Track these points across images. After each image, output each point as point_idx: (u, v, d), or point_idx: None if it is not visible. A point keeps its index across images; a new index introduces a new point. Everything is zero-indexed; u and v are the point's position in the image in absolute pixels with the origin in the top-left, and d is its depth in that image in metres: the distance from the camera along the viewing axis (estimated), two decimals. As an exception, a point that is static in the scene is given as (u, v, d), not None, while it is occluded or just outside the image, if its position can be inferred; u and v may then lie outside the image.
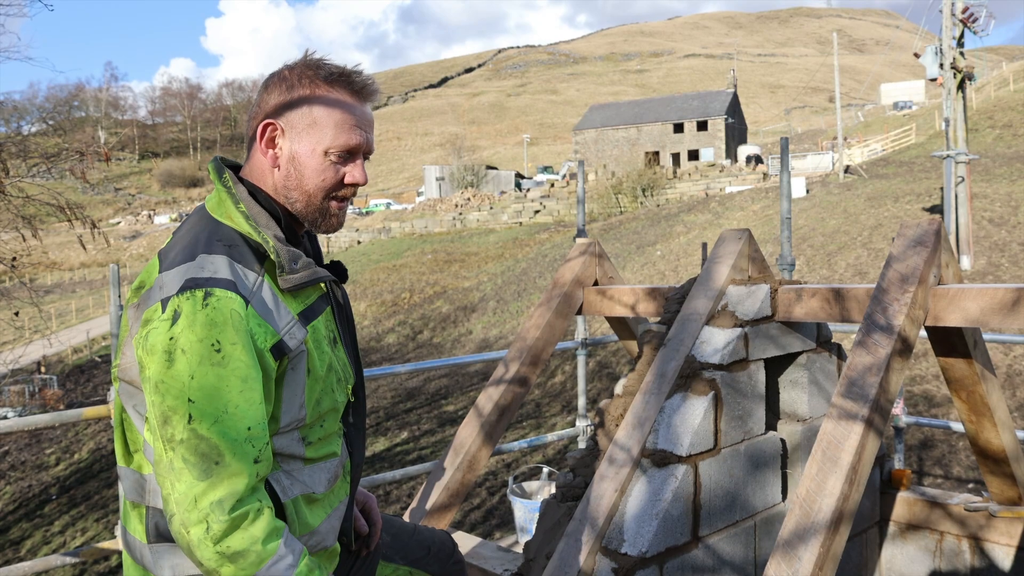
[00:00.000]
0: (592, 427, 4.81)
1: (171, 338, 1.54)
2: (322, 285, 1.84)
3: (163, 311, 1.57)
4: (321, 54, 1.83)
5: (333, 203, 1.83)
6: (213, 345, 1.54)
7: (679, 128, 75.19)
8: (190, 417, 1.52)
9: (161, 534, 1.68)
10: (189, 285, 1.58)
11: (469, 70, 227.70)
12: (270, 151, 1.79)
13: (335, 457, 1.84)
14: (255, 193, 1.79)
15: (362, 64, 1.85)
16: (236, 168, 1.89)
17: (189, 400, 1.53)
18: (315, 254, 1.97)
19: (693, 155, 73.58)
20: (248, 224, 1.72)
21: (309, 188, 1.79)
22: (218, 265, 1.62)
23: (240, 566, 1.52)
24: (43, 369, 30.37)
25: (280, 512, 1.71)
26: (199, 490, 1.51)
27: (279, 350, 1.65)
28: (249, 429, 1.56)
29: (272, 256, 1.70)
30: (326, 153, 1.78)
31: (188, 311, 1.55)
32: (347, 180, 1.82)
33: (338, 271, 1.95)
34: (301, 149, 1.77)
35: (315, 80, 1.77)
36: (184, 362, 1.53)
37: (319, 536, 1.80)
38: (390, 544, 2.23)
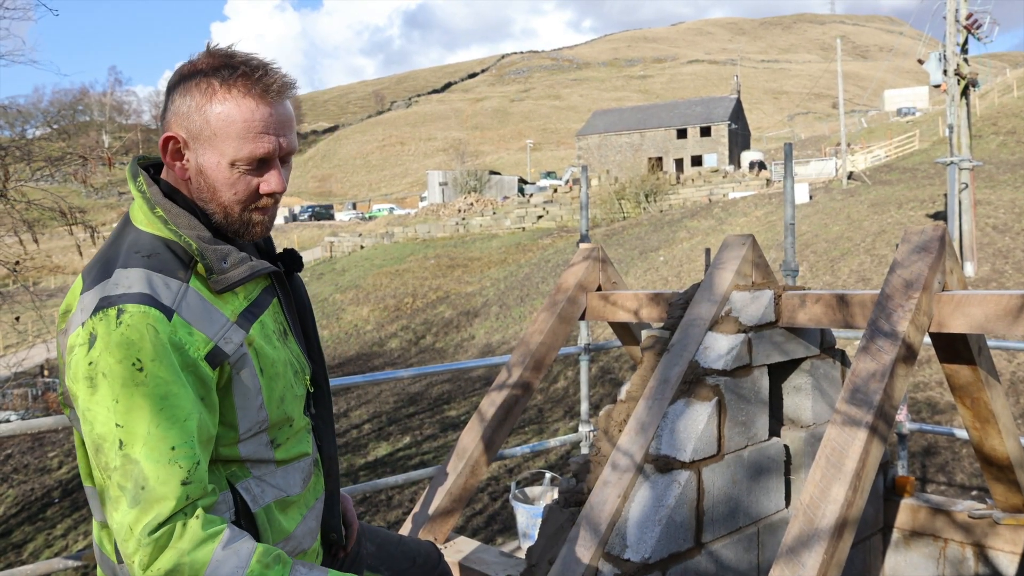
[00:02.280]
0: (595, 432, 4.80)
1: (90, 363, 1.48)
2: (265, 277, 1.76)
3: (82, 335, 1.51)
4: (226, 46, 1.67)
5: (255, 214, 1.71)
6: (134, 364, 1.47)
7: (682, 134, 75.27)
8: (120, 443, 1.45)
9: None
10: (102, 305, 1.51)
11: (473, 75, 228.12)
12: (177, 163, 1.67)
13: (307, 456, 1.80)
14: (173, 194, 1.68)
15: (277, 61, 1.67)
16: (160, 166, 1.77)
17: (117, 425, 1.45)
18: (265, 243, 1.90)
19: (696, 161, 73.65)
20: (168, 228, 1.62)
21: (224, 201, 1.67)
22: (133, 279, 1.54)
23: None
24: (46, 373, 30.38)
25: (252, 523, 1.66)
26: (131, 518, 1.44)
27: (215, 357, 1.57)
28: (173, 449, 1.47)
29: (197, 259, 1.61)
30: (233, 165, 1.63)
31: (103, 332, 1.48)
32: (262, 190, 1.68)
33: (290, 259, 1.88)
34: (206, 162, 1.64)
35: (211, 85, 1.61)
36: (107, 386, 1.46)
37: (295, 540, 1.76)
38: (375, 554, 2.20)
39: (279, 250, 1.93)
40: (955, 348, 3.01)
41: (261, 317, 1.71)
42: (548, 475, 5.65)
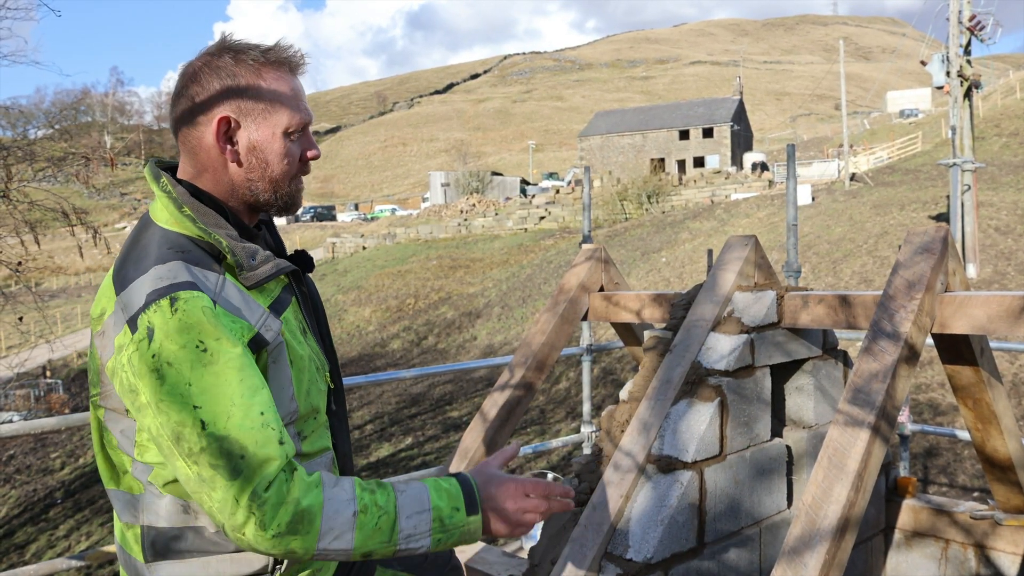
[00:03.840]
0: (597, 433, 4.80)
1: (153, 356, 1.49)
2: (284, 276, 1.79)
3: (133, 331, 1.51)
4: (236, 36, 1.76)
5: (297, 183, 1.82)
6: (198, 347, 1.49)
7: (684, 135, 75.28)
8: (203, 424, 1.47)
9: (158, 552, 1.64)
10: (152, 297, 1.52)
11: (475, 76, 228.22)
12: (228, 147, 1.72)
13: (329, 451, 1.82)
14: (198, 194, 1.72)
15: (298, 45, 1.80)
16: (175, 169, 1.82)
17: (195, 407, 1.47)
18: (276, 244, 1.93)
19: (698, 162, 73.68)
20: (196, 227, 1.65)
21: (275, 174, 1.75)
22: (176, 271, 1.56)
23: (303, 534, 1.49)
24: (48, 373, 30.38)
25: None
26: (236, 490, 1.46)
27: (256, 344, 1.60)
28: (262, 414, 1.51)
29: (227, 255, 1.65)
30: (286, 134, 1.75)
31: (160, 323, 1.49)
32: (309, 155, 1.81)
33: (302, 260, 1.90)
34: (261, 136, 1.72)
35: (255, 62, 1.72)
36: (175, 374, 1.48)
37: None
38: None
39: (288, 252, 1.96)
40: (957, 349, 3.01)
41: (284, 314, 1.74)
42: (550, 475, 5.66)
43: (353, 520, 1.53)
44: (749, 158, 64.81)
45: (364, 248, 51.51)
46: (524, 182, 79.87)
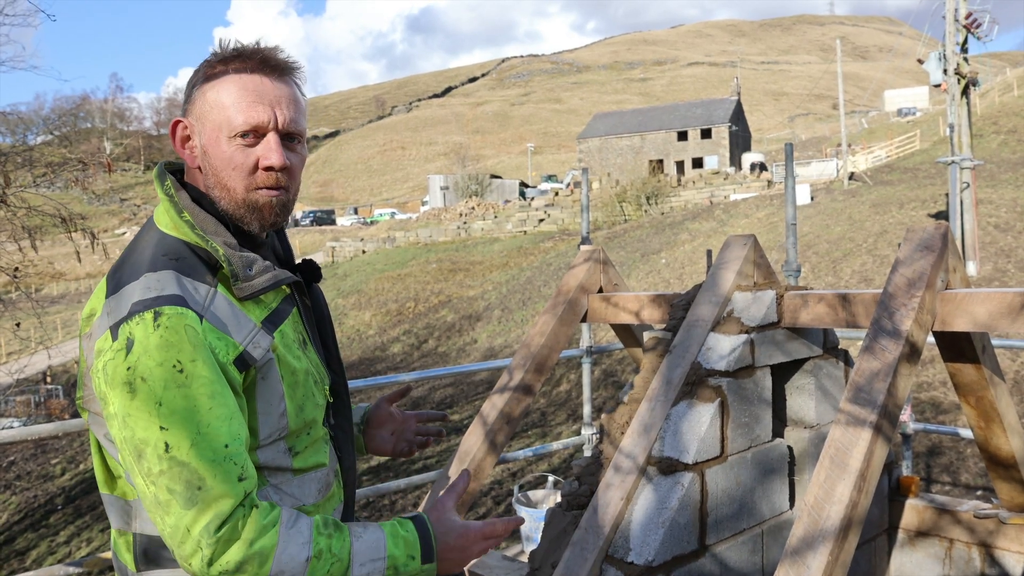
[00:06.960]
0: (597, 435, 4.79)
1: (128, 368, 1.46)
2: (285, 287, 1.74)
3: (114, 339, 1.49)
4: (236, 41, 1.70)
5: (259, 195, 1.66)
6: (175, 366, 1.46)
7: (683, 136, 75.33)
8: (166, 446, 1.44)
9: (150, 560, 1.62)
10: (137, 308, 1.49)
11: (473, 79, 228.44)
12: (186, 151, 1.68)
13: (324, 467, 1.78)
14: (200, 199, 1.68)
15: (292, 55, 1.72)
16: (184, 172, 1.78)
17: (161, 428, 1.44)
18: (285, 252, 1.88)
19: (697, 163, 73.73)
20: (194, 233, 1.61)
21: (225, 181, 1.65)
22: (165, 282, 1.53)
23: (251, 574, 1.47)
24: (48, 379, 30.37)
25: None
26: (188, 520, 1.44)
27: (243, 362, 1.56)
28: (227, 447, 1.47)
29: (224, 264, 1.60)
30: (231, 137, 1.63)
31: (141, 336, 1.46)
32: (261, 164, 1.65)
33: (309, 270, 1.86)
34: (208, 140, 1.64)
35: (211, 64, 1.65)
36: (147, 390, 1.45)
37: None
38: None
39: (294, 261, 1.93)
40: (959, 347, 2.99)
41: (281, 327, 1.70)
42: (551, 478, 5.64)
43: (305, 565, 1.51)
44: (747, 158, 64.85)
45: (364, 252, 51.55)
46: (523, 185, 79.99)
